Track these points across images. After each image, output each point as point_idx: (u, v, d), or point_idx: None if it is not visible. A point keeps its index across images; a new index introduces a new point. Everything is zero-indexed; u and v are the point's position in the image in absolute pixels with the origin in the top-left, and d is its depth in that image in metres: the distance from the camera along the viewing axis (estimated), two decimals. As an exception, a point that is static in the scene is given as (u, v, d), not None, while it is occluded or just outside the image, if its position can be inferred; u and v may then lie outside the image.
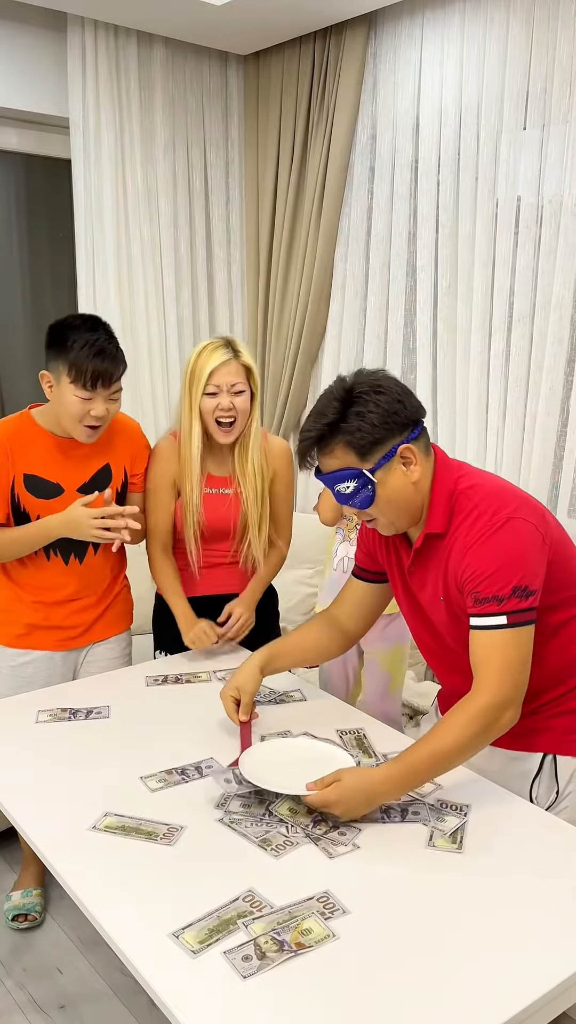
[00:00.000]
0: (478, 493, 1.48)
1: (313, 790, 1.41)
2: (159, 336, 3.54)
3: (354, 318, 3.42)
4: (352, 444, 1.44)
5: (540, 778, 1.58)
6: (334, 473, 1.48)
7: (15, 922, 2.29)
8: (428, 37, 2.98)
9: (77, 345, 1.86)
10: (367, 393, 1.43)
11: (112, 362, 1.90)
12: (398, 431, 1.45)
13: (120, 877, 1.30)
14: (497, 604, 1.41)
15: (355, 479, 1.46)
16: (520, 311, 2.83)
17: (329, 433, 1.45)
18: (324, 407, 1.46)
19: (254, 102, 3.58)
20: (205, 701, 1.88)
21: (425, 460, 1.51)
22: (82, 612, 2.14)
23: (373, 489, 1.47)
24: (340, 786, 1.39)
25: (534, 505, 1.49)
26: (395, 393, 1.45)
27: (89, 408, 1.91)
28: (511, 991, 1.08)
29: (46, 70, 3.15)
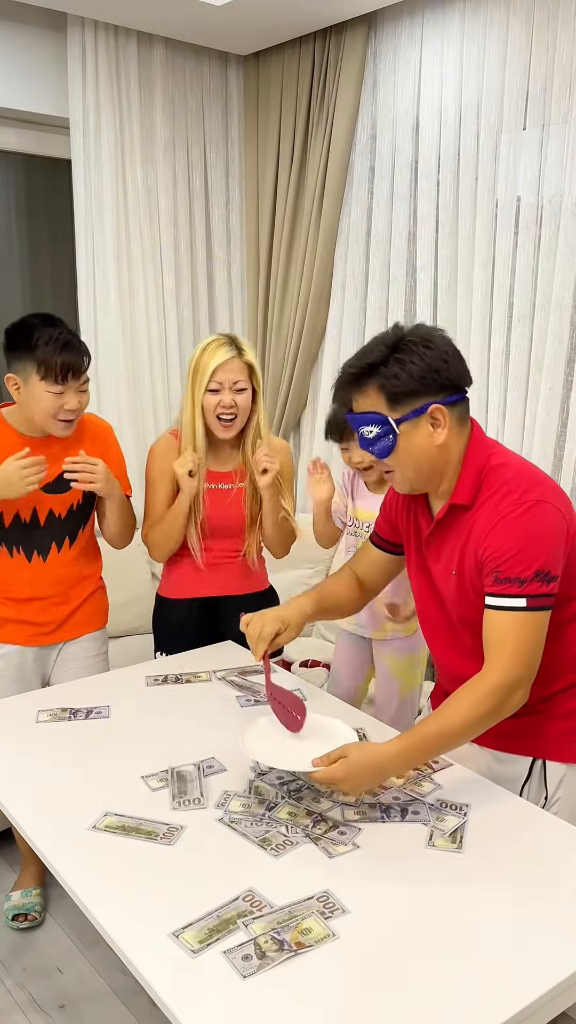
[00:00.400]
0: (509, 471, 1.48)
1: (319, 766, 1.39)
2: (159, 336, 3.54)
3: (354, 318, 3.42)
4: (385, 389, 1.44)
5: (530, 783, 1.58)
6: (363, 414, 1.47)
7: (15, 922, 2.29)
8: (428, 37, 2.98)
9: (42, 342, 1.89)
10: (415, 344, 1.42)
11: (78, 353, 1.93)
12: (435, 390, 1.44)
13: (120, 877, 1.30)
14: (518, 586, 1.40)
15: (380, 425, 1.46)
16: (520, 311, 2.83)
17: (368, 373, 1.45)
18: (371, 348, 1.46)
19: (254, 102, 3.58)
20: (205, 701, 1.88)
21: (457, 428, 1.49)
22: (51, 608, 2.15)
23: (394, 440, 1.46)
24: (347, 762, 1.38)
25: (562, 493, 1.48)
26: (443, 352, 1.44)
27: (62, 402, 1.94)
28: (511, 991, 1.08)
29: (46, 70, 3.15)
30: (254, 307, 3.75)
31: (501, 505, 1.44)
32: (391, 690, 2.34)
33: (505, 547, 1.42)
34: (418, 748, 1.40)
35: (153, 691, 1.94)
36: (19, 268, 3.49)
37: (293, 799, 1.49)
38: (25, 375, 1.92)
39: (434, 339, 1.44)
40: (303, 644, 3.26)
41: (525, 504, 1.42)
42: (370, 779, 1.40)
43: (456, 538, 1.52)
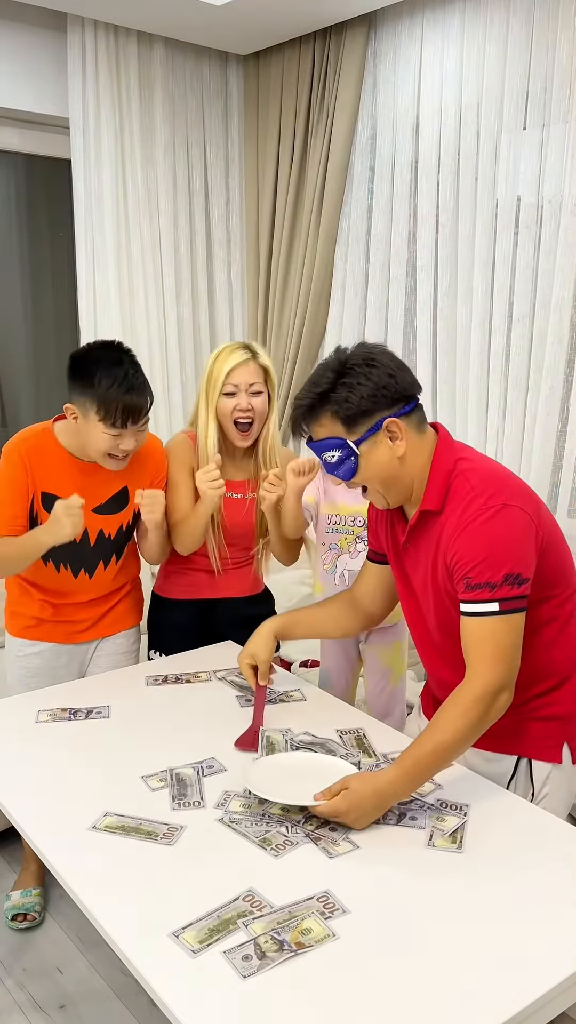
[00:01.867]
0: (476, 475, 1.49)
1: (321, 800, 1.39)
2: (159, 336, 3.54)
3: (354, 318, 3.42)
4: (339, 414, 1.47)
5: (516, 780, 1.59)
6: (322, 441, 1.51)
7: (14, 922, 2.29)
8: (428, 37, 2.99)
9: (105, 383, 1.82)
10: (359, 366, 1.46)
11: (141, 397, 1.87)
12: (387, 405, 1.47)
13: (120, 877, 1.29)
14: (489, 591, 1.41)
15: (340, 449, 1.49)
16: (520, 311, 2.83)
17: (319, 402, 1.48)
18: (318, 377, 1.49)
19: (254, 102, 3.59)
20: (205, 701, 1.88)
21: (416, 437, 1.51)
22: (89, 607, 2.15)
23: (356, 461, 1.49)
24: (349, 794, 1.38)
25: (530, 495, 1.49)
26: (388, 368, 1.47)
27: (118, 443, 1.89)
28: (511, 991, 1.08)
29: (46, 70, 3.15)
30: (254, 307, 3.75)
31: (468, 511, 1.45)
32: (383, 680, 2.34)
33: (473, 553, 1.43)
34: (417, 769, 1.40)
35: (153, 691, 1.94)
36: (19, 268, 3.50)
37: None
38: (84, 410, 1.86)
39: (376, 357, 1.48)
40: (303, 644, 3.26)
41: (491, 508, 1.43)
42: (373, 808, 1.39)
43: (429, 544, 1.54)
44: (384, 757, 1.63)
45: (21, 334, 3.59)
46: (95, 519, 2.04)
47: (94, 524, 2.04)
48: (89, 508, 2.01)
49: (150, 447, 2.11)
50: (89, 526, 2.02)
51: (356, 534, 2.28)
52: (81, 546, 2.03)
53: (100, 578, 2.11)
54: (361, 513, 2.26)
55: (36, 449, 1.98)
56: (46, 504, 1.99)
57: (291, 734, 1.71)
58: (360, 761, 1.61)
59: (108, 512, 2.05)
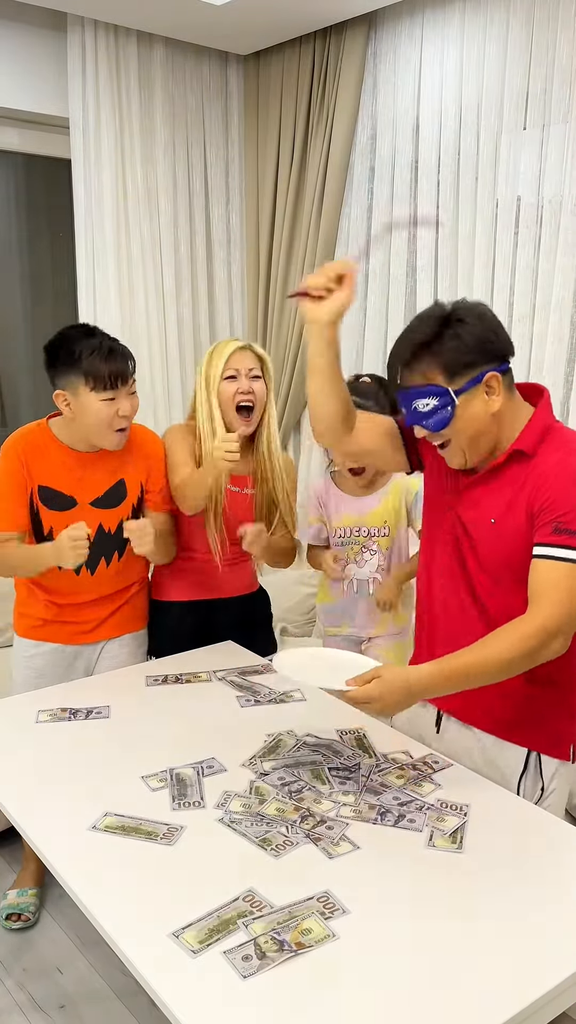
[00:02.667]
0: (572, 432, 1.52)
1: (353, 686, 1.41)
2: (159, 336, 3.54)
3: (354, 318, 3.42)
4: (444, 362, 1.45)
5: (526, 775, 1.59)
6: (418, 388, 1.48)
7: (8, 921, 2.29)
8: (428, 37, 2.99)
9: (86, 352, 1.88)
10: (467, 316, 1.45)
11: (123, 358, 1.93)
12: (489, 358, 1.46)
13: (120, 877, 1.29)
14: (572, 537, 1.41)
15: (438, 397, 1.46)
16: (520, 311, 2.84)
17: (423, 348, 1.46)
18: (420, 324, 1.47)
19: (254, 102, 3.59)
20: (205, 701, 1.88)
21: (508, 395, 1.51)
22: (94, 607, 2.15)
23: (453, 410, 1.47)
24: (381, 682, 1.40)
25: None
26: (493, 323, 1.48)
27: (115, 408, 1.93)
28: (511, 991, 1.08)
29: (46, 70, 3.15)
30: (254, 307, 3.75)
31: (567, 460, 1.46)
32: None
33: (567, 499, 1.43)
34: (452, 675, 1.41)
35: (153, 691, 1.94)
36: (19, 268, 3.50)
37: (294, 800, 1.49)
38: (73, 388, 1.90)
39: (483, 311, 1.48)
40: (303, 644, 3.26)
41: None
42: (401, 699, 1.41)
43: (508, 486, 1.52)
44: (384, 757, 1.64)
45: (21, 334, 3.59)
46: (94, 513, 2.04)
47: (94, 518, 2.04)
48: (87, 502, 2.03)
49: (144, 438, 2.13)
50: (89, 520, 2.01)
51: (361, 543, 2.30)
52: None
53: (102, 575, 2.11)
54: (364, 523, 2.28)
55: (32, 445, 2.00)
56: (44, 498, 2.01)
57: (294, 735, 1.71)
58: (360, 763, 1.61)
59: (106, 506, 2.06)
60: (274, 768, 1.58)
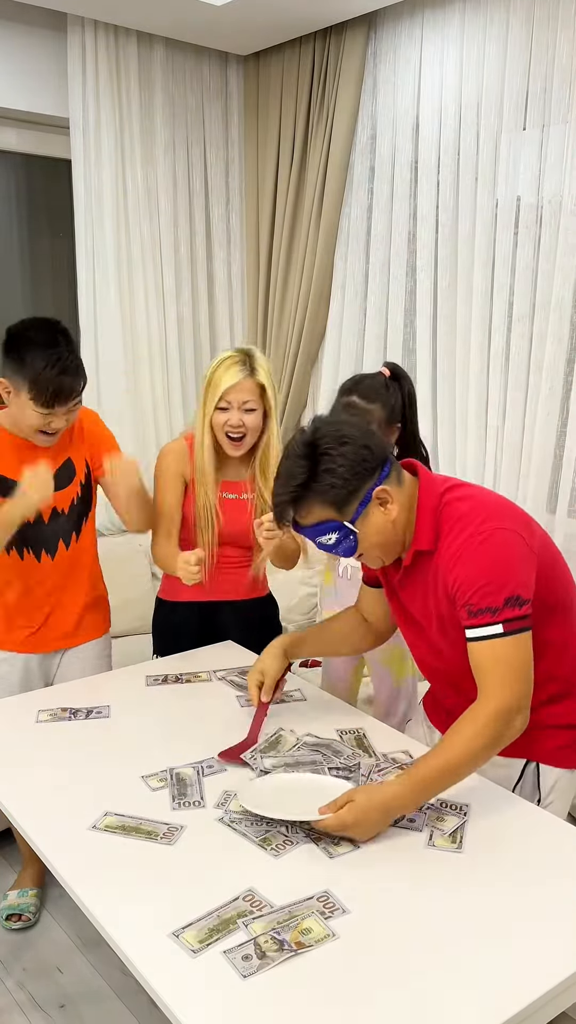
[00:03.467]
0: (463, 505, 1.48)
1: (326, 813, 1.36)
2: (159, 336, 3.54)
3: (354, 318, 3.42)
4: (328, 501, 1.44)
5: (522, 784, 1.59)
6: (314, 527, 1.48)
7: (8, 921, 2.29)
8: (428, 37, 2.99)
9: (37, 363, 1.83)
10: (332, 448, 1.42)
11: (73, 379, 1.88)
12: (369, 476, 1.45)
13: (120, 877, 1.30)
14: (491, 615, 1.41)
15: (336, 531, 1.47)
16: (520, 311, 2.84)
17: (303, 494, 1.44)
18: (292, 468, 1.44)
19: (254, 102, 3.58)
20: (205, 701, 1.88)
21: (400, 492, 1.50)
22: (55, 612, 2.15)
23: (355, 538, 1.48)
24: (354, 807, 1.35)
25: (518, 515, 1.49)
26: (359, 440, 1.44)
27: (49, 421, 1.91)
28: (511, 991, 1.08)
29: (46, 70, 3.15)
30: (254, 307, 3.75)
31: (459, 540, 1.45)
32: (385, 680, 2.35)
33: (471, 580, 1.42)
34: (424, 785, 1.39)
35: (153, 691, 1.94)
36: (19, 268, 3.50)
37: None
38: (16, 387, 1.89)
39: (345, 432, 1.44)
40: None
41: (483, 534, 1.43)
42: (379, 821, 1.37)
43: (425, 582, 1.54)
44: (384, 757, 1.64)
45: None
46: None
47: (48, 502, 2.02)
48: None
49: (82, 415, 2.13)
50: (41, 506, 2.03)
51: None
52: (36, 526, 2.05)
53: (62, 559, 2.11)
54: None
55: None
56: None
57: (294, 734, 1.71)
58: (360, 763, 1.61)
59: (57, 488, 2.04)
60: (274, 767, 1.58)
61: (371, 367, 3.35)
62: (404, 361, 3.29)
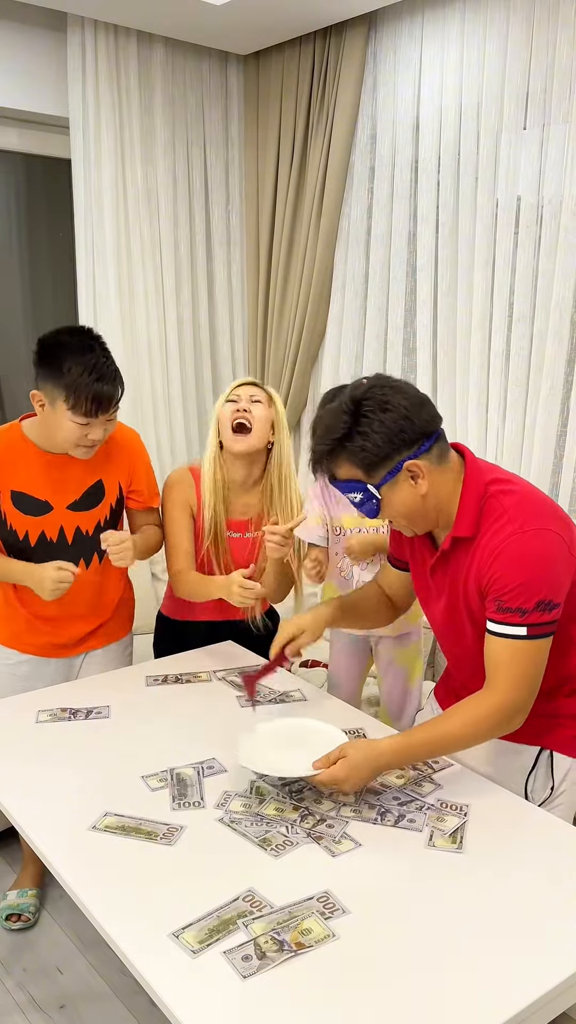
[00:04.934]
0: (509, 499, 1.47)
1: (320, 768, 1.43)
2: (159, 336, 3.54)
3: (354, 318, 3.42)
4: (357, 461, 1.45)
5: (536, 773, 1.59)
6: (344, 483, 1.51)
7: (8, 922, 2.29)
8: (428, 37, 2.98)
9: (75, 371, 1.76)
10: (373, 411, 1.42)
11: (111, 387, 1.82)
12: (405, 447, 1.44)
13: (120, 877, 1.30)
14: (520, 616, 1.41)
15: (361, 492, 1.49)
16: (520, 311, 2.83)
17: (337, 448, 1.46)
18: (333, 421, 1.46)
19: (254, 102, 3.58)
20: (205, 701, 1.88)
21: (438, 470, 1.48)
22: (78, 622, 2.13)
23: (378, 503, 1.49)
24: (346, 762, 1.42)
25: (560, 514, 1.48)
26: (403, 409, 1.43)
27: (86, 432, 1.84)
28: (511, 991, 1.08)
29: (46, 70, 3.15)
30: (254, 307, 3.75)
31: (501, 534, 1.45)
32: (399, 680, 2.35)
33: (507, 578, 1.42)
34: (415, 748, 1.46)
35: (153, 691, 1.94)
36: (19, 268, 3.50)
37: (294, 800, 1.49)
38: (52, 398, 1.81)
39: (390, 400, 1.43)
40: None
41: (527, 533, 1.42)
42: (368, 775, 1.45)
43: (460, 568, 1.53)
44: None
45: (21, 334, 3.59)
46: (70, 516, 1.99)
47: (70, 521, 2.00)
48: (63, 505, 1.98)
49: (123, 437, 2.07)
50: (65, 524, 1.99)
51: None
52: (59, 545, 2.00)
53: (82, 579, 1.98)
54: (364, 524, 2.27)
55: (4, 448, 1.94)
56: (17, 502, 1.96)
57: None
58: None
59: (83, 508, 2.01)
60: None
61: (371, 367, 3.36)
62: (404, 361, 3.29)
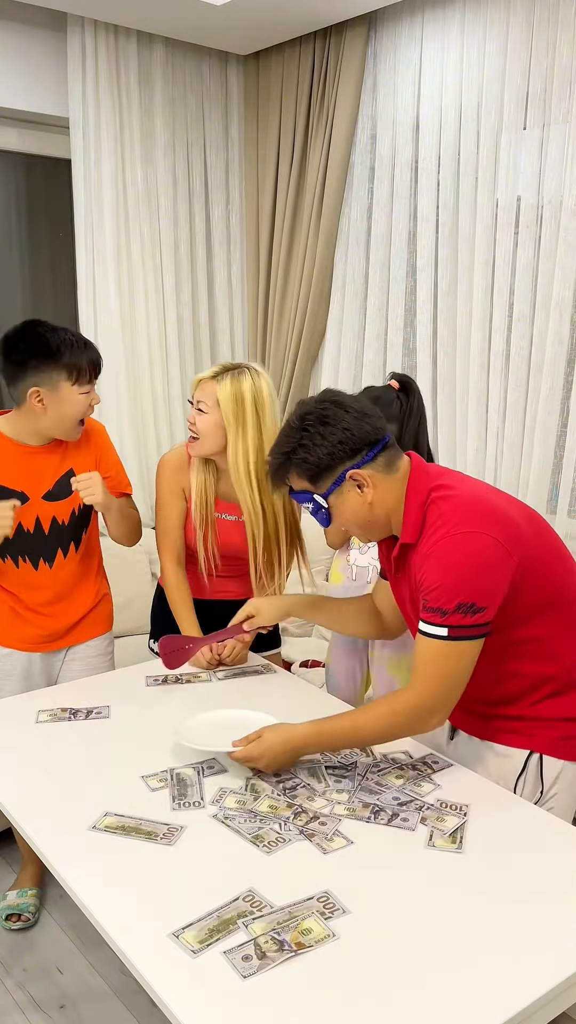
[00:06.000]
0: (447, 504, 1.50)
1: (238, 747, 1.53)
2: (159, 336, 3.54)
3: (354, 318, 3.42)
4: (302, 472, 1.53)
5: (525, 776, 1.59)
6: (298, 494, 1.59)
7: (8, 922, 2.29)
8: (428, 37, 2.99)
9: (66, 348, 1.90)
10: (314, 425, 1.50)
11: (95, 349, 1.98)
12: (347, 457, 1.50)
13: (120, 877, 1.30)
14: (440, 616, 1.44)
15: (311, 501, 1.56)
16: (520, 311, 2.84)
17: (285, 462, 1.54)
18: (284, 437, 1.55)
19: (254, 102, 3.59)
20: (205, 701, 1.88)
21: (386, 479, 1.53)
22: (59, 616, 2.15)
23: (328, 512, 1.56)
24: (261, 741, 1.51)
25: (506, 521, 1.48)
26: (343, 422, 1.50)
27: (89, 400, 1.98)
28: (511, 991, 1.08)
29: (46, 70, 3.15)
30: (254, 307, 3.75)
31: (433, 538, 1.49)
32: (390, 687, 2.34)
33: (431, 579, 1.46)
34: (330, 737, 1.52)
35: (153, 691, 1.94)
36: (19, 268, 3.50)
37: (288, 797, 1.49)
38: (52, 384, 1.90)
39: (331, 413, 1.50)
40: (303, 644, 3.27)
41: (455, 537, 1.45)
42: (284, 757, 1.52)
43: (409, 573, 1.58)
44: (383, 757, 1.64)
45: (21, 334, 3.58)
46: (45, 506, 2.05)
47: (46, 512, 2.05)
48: (38, 495, 2.03)
49: (90, 428, 2.14)
50: (41, 514, 2.05)
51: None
52: (35, 536, 2.06)
53: (61, 568, 2.10)
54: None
55: None
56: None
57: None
58: (357, 762, 1.61)
59: (57, 498, 2.06)
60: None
61: (371, 367, 3.36)
62: (404, 361, 3.29)
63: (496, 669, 1.55)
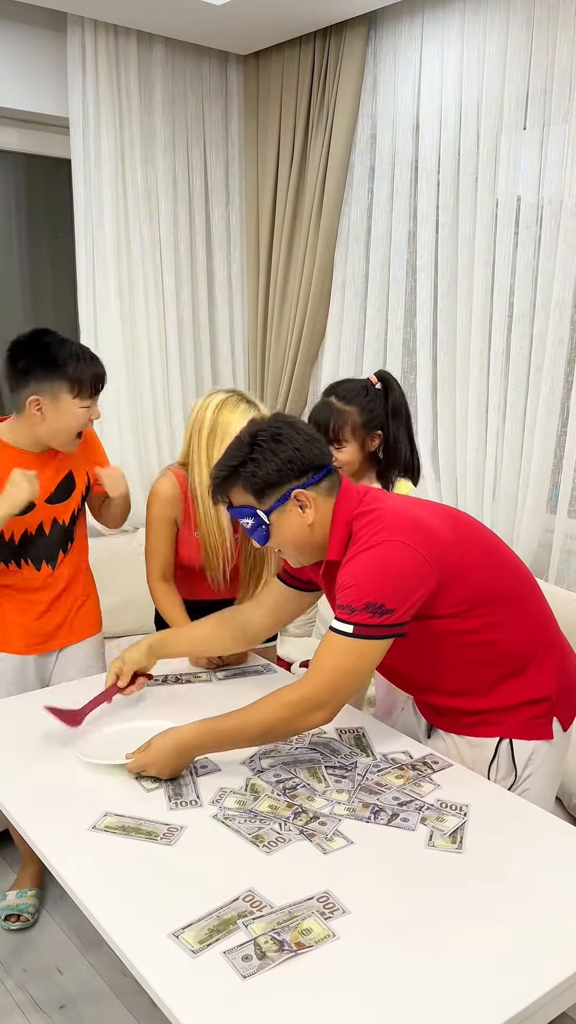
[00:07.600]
0: (366, 519, 1.55)
1: (131, 758, 1.54)
2: (159, 336, 3.53)
3: (354, 318, 3.41)
4: (248, 486, 1.56)
5: (497, 761, 1.61)
6: (237, 509, 1.60)
7: (7, 922, 2.29)
8: (428, 37, 2.98)
9: (71, 360, 1.92)
10: (266, 441, 1.54)
11: (101, 365, 1.99)
12: (294, 477, 1.55)
13: (120, 877, 1.30)
14: (348, 613, 1.47)
15: (252, 517, 1.59)
16: (520, 311, 2.83)
17: (232, 475, 1.57)
18: (233, 451, 1.58)
19: (254, 102, 3.58)
20: (205, 701, 1.88)
21: (326, 503, 1.58)
22: (55, 613, 2.18)
23: (267, 529, 1.59)
24: (150, 750, 1.53)
25: (423, 529, 1.52)
26: (294, 442, 1.55)
27: (89, 414, 1.99)
28: (511, 991, 1.08)
29: (46, 70, 3.15)
30: (254, 307, 3.75)
31: (351, 551, 1.54)
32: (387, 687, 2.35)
33: (344, 579, 1.51)
34: (214, 736, 1.53)
35: (153, 691, 1.94)
36: (19, 268, 3.49)
37: (287, 797, 1.49)
38: (53, 395, 1.93)
39: (283, 432, 1.55)
40: (303, 644, 3.27)
41: (369, 544, 1.50)
42: (175, 760, 1.53)
43: (331, 592, 1.61)
44: (383, 757, 1.64)
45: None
46: (49, 510, 2.08)
47: (48, 515, 2.09)
48: (41, 500, 2.05)
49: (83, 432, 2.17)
50: (44, 518, 2.08)
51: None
52: (39, 538, 2.09)
53: (61, 567, 2.16)
54: None
55: None
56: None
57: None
58: (357, 762, 1.61)
59: (59, 500, 2.10)
60: (271, 766, 1.58)
61: (371, 367, 3.36)
62: (404, 361, 3.29)
63: (443, 659, 1.60)
